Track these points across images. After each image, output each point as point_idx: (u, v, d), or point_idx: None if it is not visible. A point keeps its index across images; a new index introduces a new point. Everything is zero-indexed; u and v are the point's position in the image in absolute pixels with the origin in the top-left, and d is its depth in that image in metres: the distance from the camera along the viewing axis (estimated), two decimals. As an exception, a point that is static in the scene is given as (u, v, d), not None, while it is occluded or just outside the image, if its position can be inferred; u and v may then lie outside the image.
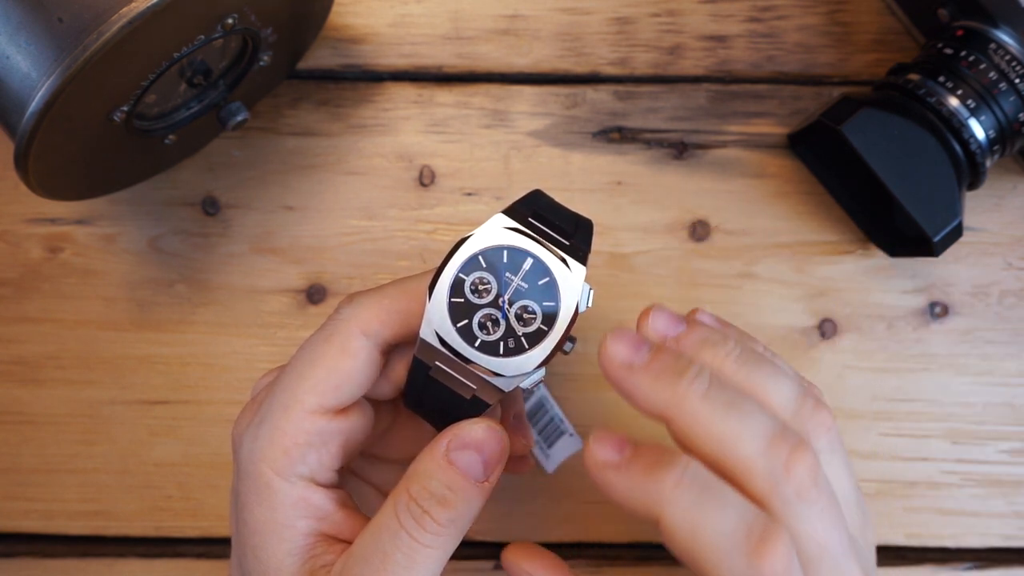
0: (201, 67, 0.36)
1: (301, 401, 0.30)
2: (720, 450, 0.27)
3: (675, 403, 0.27)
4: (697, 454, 0.27)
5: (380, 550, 0.28)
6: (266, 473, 0.30)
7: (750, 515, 0.26)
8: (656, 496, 0.26)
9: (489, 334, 0.29)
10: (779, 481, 0.27)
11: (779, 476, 0.27)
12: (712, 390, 0.28)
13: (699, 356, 0.29)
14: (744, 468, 0.27)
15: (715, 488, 0.27)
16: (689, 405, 0.27)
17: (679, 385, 0.28)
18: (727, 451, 0.27)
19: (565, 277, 0.29)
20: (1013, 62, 0.36)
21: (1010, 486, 0.42)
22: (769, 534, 0.26)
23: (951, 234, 0.37)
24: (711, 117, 0.42)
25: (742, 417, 0.27)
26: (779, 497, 0.27)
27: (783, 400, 0.29)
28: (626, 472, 0.27)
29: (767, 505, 0.27)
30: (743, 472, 0.27)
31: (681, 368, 0.28)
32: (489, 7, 0.42)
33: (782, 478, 0.27)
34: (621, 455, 0.28)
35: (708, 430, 0.27)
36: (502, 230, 0.29)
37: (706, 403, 0.27)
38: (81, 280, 0.42)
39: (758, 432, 0.27)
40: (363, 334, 0.30)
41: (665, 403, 0.28)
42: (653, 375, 0.28)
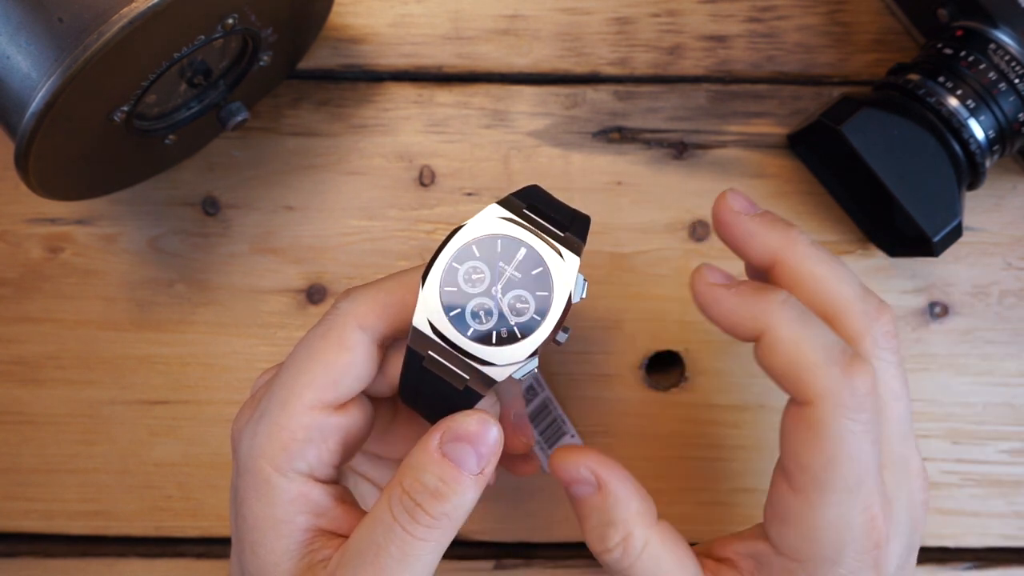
0: (201, 67, 0.36)
1: (299, 396, 0.30)
2: (824, 287, 0.31)
3: (788, 244, 0.31)
4: (801, 293, 0.31)
5: (374, 543, 0.28)
6: (265, 469, 0.30)
7: (842, 341, 0.30)
8: (764, 309, 0.30)
9: (482, 323, 0.29)
10: (872, 321, 0.31)
11: (872, 316, 0.31)
12: (816, 244, 0.32)
13: (785, 248, 0.32)
14: (844, 306, 0.31)
15: (812, 315, 0.30)
16: (801, 247, 0.31)
17: (791, 231, 0.31)
18: (830, 288, 0.31)
19: (559, 267, 0.29)
20: (1013, 62, 0.36)
21: (1010, 486, 0.42)
22: (860, 359, 0.29)
23: (951, 234, 0.37)
24: (711, 117, 0.42)
25: (840, 267, 0.31)
26: (870, 336, 0.30)
27: (856, 300, 0.32)
28: (735, 291, 0.30)
29: (858, 343, 0.30)
30: (843, 309, 0.31)
31: (788, 223, 0.32)
32: (489, 7, 0.42)
33: (874, 319, 0.31)
34: (729, 280, 0.31)
35: (815, 269, 0.31)
36: (496, 220, 0.29)
37: (813, 248, 0.31)
38: (81, 280, 0.42)
39: (854, 281, 0.31)
40: (360, 328, 0.30)
41: (779, 243, 0.31)
42: (768, 223, 0.32)
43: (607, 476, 0.31)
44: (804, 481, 0.29)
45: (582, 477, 0.32)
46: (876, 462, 0.29)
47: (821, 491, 0.29)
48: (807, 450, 0.29)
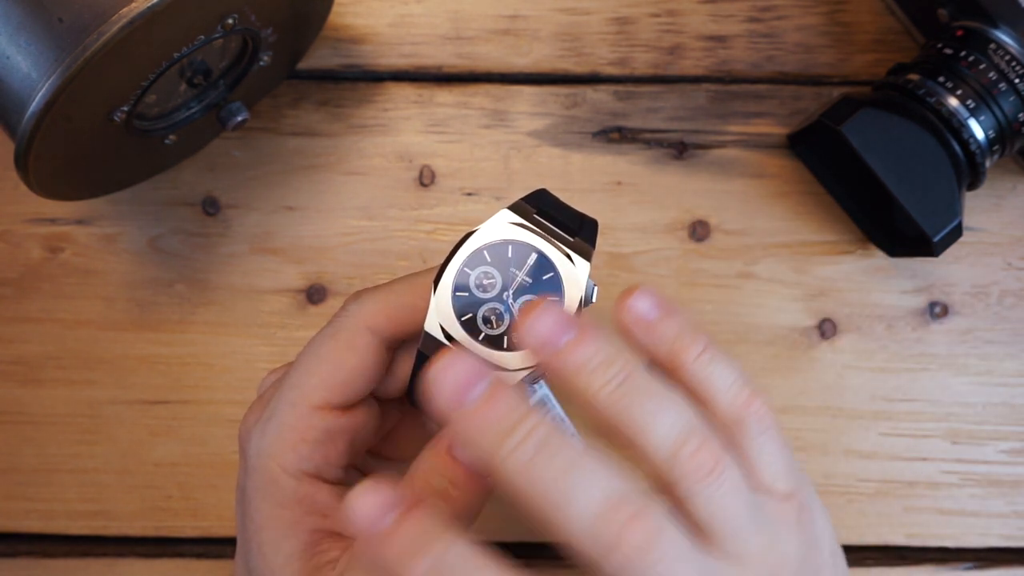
0: (201, 67, 0.36)
1: (308, 398, 0.30)
2: (545, 519, 0.25)
3: (494, 464, 0.25)
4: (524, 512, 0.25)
5: None
6: (273, 469, 0.30)
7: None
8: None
9: (493, 328, 0.29)
10: (609, 551, 0.24)
11: (610, 545, 0.24)
12: (539, 456, 0.25)
13: (572, 382, 0.26)
14: (571, 541, 0.25)
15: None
16: (508, 470, 0.25)
17: (502, 447, 0.25)
18: (553, 524, 0.25)
19: (569, 272, 0.29)
20: (1013, 62, 0.36)
21: (1010, 486, 0.42)
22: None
23: (951, 234, 0.37)
24: (711, 117, 0.42)
25: (564, 490, 0.25)
26: (610, 567, 0.24)
27: (660, 439, 0.26)
28: (387, 540, 0.24)
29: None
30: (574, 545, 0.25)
31: (512, 424, 0.25)
32: (489, 7, 0.42)
33: (612, 548, 0.24)
34: (387, 518, 0.25)
35: (530, 503, 0.25)
36: (507, 225, 0.30)
37: (528, 471, 0.25)
38: (81, 280, 0.42)
39: (586, 504, 0.24)
40: (369, 330, 0.30)
41: (486, 459, 0.25)
42: (479, 425, 0.25)
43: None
44: None
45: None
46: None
47: None
48: None
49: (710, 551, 0.26)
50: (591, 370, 0.25)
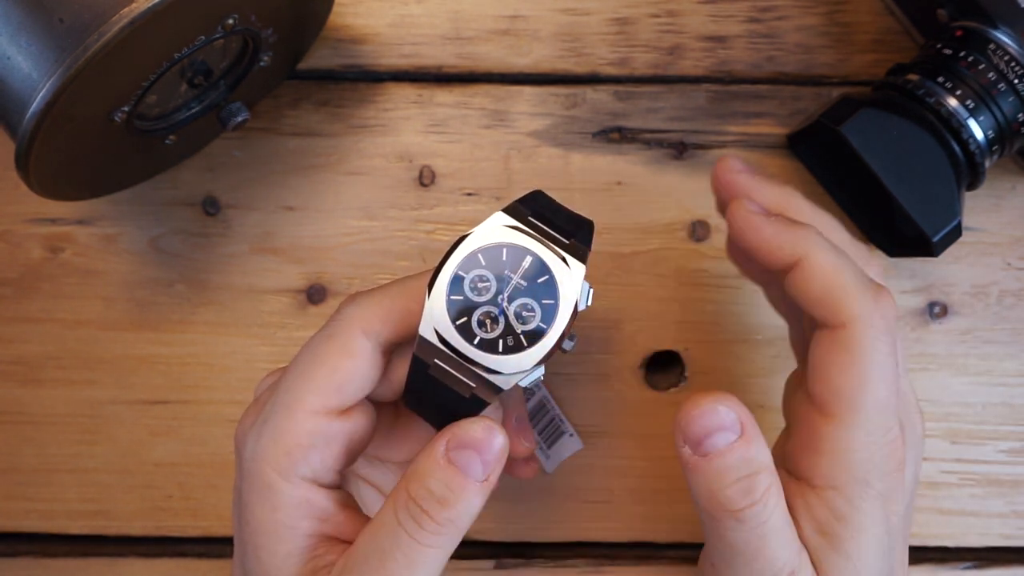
0: (201, 67, 0.36)
1: (303, 401, 0.30)
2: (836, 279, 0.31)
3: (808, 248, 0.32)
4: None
5: (379, 550, 0.28)
6: (268, 473, 0.30)
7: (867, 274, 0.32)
8: (804, 239, 0.31)
9: (488, 332, 0.29)
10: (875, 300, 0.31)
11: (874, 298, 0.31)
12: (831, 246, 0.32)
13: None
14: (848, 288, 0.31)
15: (841, 249, 0.32)
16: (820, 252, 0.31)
17: (809, 235, 0.32)
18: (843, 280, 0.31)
19: (564, 275, 0.29)
20: (1012, 62, 0.36)
21: (1009, 486, 0.42)
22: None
23: (950, 234, 0.37)
24: (711, 117, 0.42)
25: (852, 268, 0.31)
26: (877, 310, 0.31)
27: None
28: (774, 219, 0.32)
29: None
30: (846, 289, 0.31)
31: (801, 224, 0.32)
32: (489, 7, 0.42)
33: (876, 299, 0.31)
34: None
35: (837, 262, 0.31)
36: (502, 228, 0.29)
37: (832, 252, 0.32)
38: (81, 280, 0.42)
39: (861, 274, 0.32)
40: (364, 334, 0.30)
41: (798, 240, 0.32)
42: (782, 224, 0.32)
43: (747, 419, 0.30)
44: (837, 404, 0.30)
45: (726, 423, 0.29)
46: (897, 386, 0.31)
47: (855, 412, 0.30)
48: (840, 373, 0.30)
49: None
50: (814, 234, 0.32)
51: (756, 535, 0.29)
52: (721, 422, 0.29)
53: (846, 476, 0.30)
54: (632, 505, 0.42)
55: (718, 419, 0.29)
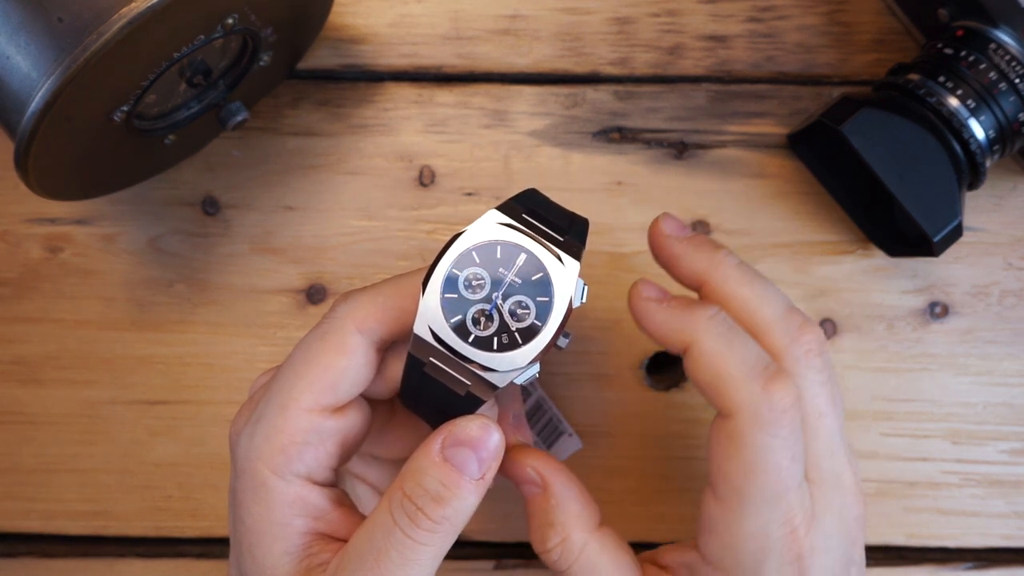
0: (201, 67, 0.36)
1: (297, 399, 0.30)
2: (745, 308, 0.32)
3: (712, 267, 0.33)
4: (728, 312, 0.32)
5: (374, 548, 0.28)
6: (262, 472, 0.30)
7: (766, 357, 0.31)
8: (691, 326, 0.31)
9: (483, 329, 0.29)
10: (793, 340, 0.32)
11: (793, 336, 0.32)
12: (742, 264, 0.33)
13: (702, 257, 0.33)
14: (765, 325, 0.32)
15: (739, 330, 0.31)
16: (723, 269, 0.33)
17: (717, 254, 0.33)
18: (752, 309, 0.32)
19: (559, 272, 0.29)
20: (1013, 62, 0.36)
21: (1010, 486, 0.42)
22: (783, 374, 0.30)
23: (951, 234, 0.37)
24: (711, 117, 0.42)
25: (765, 286, 0.33)
26: (791, 355, 0.31)
27: (779, 302, 0.33)
28: (666, 305, 0.32)
29: (781, 360, 0.31)
30: (764, 328, 0.32)
31: (718, 246, 0.33)
32: (489, 7, 0.42)
33: (795, 338, 0.32)
34: (662, 294, 0.33)
35: (737, 291, 0.32)
36: (496, 226, 0.29)
37: (737, 270, 0.33)
38: (81, 280, 0.42)
39: (778, 301, 0.32)
40: (359, 332, 0.30)
41: (704, 266, 0.33)
42: (695, 245, 0.33)
43: (551, 478, 0.33)
44: (726, 491, 0.30)
45: (528, 477, 0.33)
46: (797, 477, 0.30)
47: (741, 501, 0.30)
48: (727, 461, 0.30)
49: None
50: (716, 248, 0.34)
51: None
52: (527, 476, 0.33)
53: (735, 562, 0.30)
54: (632, 505, 0.42)
55: (524, 473, 0.33)
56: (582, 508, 0.33)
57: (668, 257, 0.34)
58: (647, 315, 0.32)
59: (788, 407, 0.30)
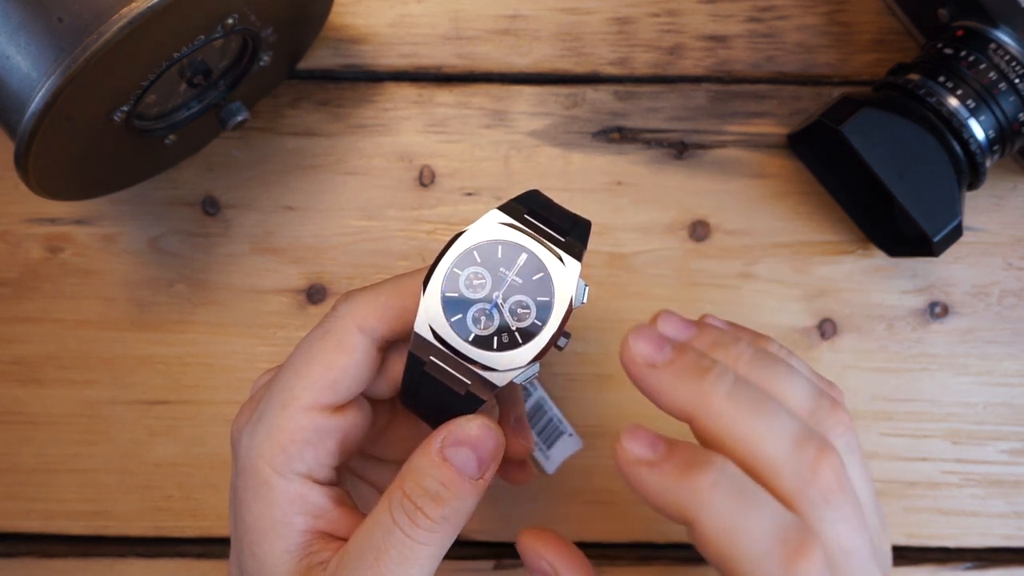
0: (201, 67, 0.36)
1: (298, 398, 0.30)
2: (746, 450, 0.27)
3: (699, 401, 0.27)
4: (722, 453, 0.27)
5: (374, 547, 0.28)
6: (263, 470, 0.30)
7: (785, 520, 0.26)
8: (692, 498, 0.26)
9: (483, 328, 0.29)
10: (806, 483, 0.27)
11: (806, 478, 0.27)
12: (736, 389, 0.27)
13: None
14: (771, 469, 0.27)
15: (750, 491, 0.26)
16: (714, 404, 0.27)
17: (703, 383, 0.27)
18: (754, 451, 0.27)
19: (560, 272, 0.29)
20: (1013, 62, 0.36)
21: (1010, 486, 0.42)
22: (805, 541, 0.26)
23: (951, 234, 0.37)
24: (711, 117, 0.42)
25: (767, 417, 0.27)
26: (806, 499, 0.27)
27: (799, 401, 0.29)
28: (660, 470, 0.27)
29: (795, 506, 0.27)
30: (770, 472, 0.27)
31: (705, 366, 0.28)
32: (489, 7, 0.42)
33: (809, 480, 0.27)
34: (654, 452, 0.27)
35: (733, 430, 0.27)
36: (497, 225, 0.29)
37: (730, 402, 0.27)
38: (81, 280, 0.42)
39: (784, 432, 0.27)
40: (360, 331, 0.30)
41: (690, 402, 0.27)
42: (676, 373, 0.28)
43: (563, 565, 0.31)
44: None
45: (543, 569, 0.31)
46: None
47: None
48: None
49: None
50: (725, 345, 0.29)
51: None
52: (540, 567, 0.31)
53: None
54: (632, 505, 0.42)
55: (538, 564, 0.31)
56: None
57: (647, 391, 0.28)
58: (639, 483, 0.27)
59: (821, 567, 0.26)
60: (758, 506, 0.26)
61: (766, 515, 0.26)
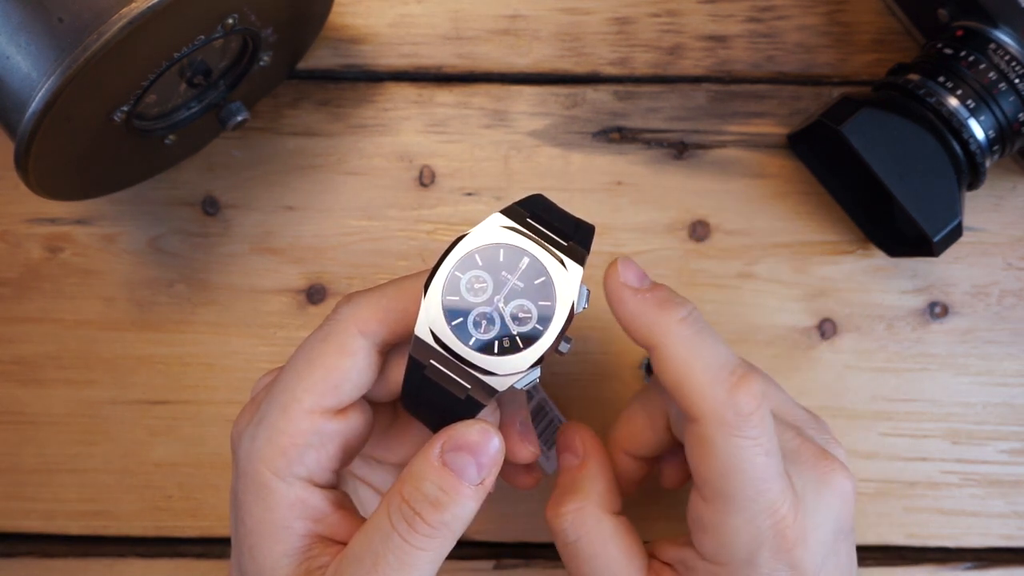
0: (201, 67, 0.36)
1: (299, 401, 0.30)
2: (685, 368, 0.31)
3: (663, 328, 0.31)
4: (665, 376, 0.31)
5: (372, 551, 0.28)
6: (264, 473, 0.30)
7: (734, 359, 0.31)
8: (661, 326, 0.31)
9: (484, 333, 0.29)
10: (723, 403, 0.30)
11: (724, 399, 0.30)
12: (695, 319, 0.31)
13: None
14: (698, 389, 0.30)
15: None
16: (673, 330, 0.31)
17: (672, 312, 0.31)
18: (689, 370, 0.31)
19: (561, 277, 0.29)
20: (1013, 62, 0.36)
21: (1010, 486, 0.42)
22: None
23: (951, 234, 0.37)
24: (711, 117, 0.42)
25: (715, 344, 0.31)
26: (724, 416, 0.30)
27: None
28: (641, 297, 0.31)
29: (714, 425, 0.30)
30: (695, 392, 0.31)
31: (677, 301, 0.31)
32: (489, 7, 0.42)
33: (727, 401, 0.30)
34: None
35: (683, 352, 0.31)
36: (499, 229, 0.29)
37: (686, 327, 0.31)
38: (81, 280, 0.42)
39: (719, 359, 0.31)
40: (361, 334, 0.30)
41: (654, 326, 0.31)
42: (652, 300, 0.31)
43: (592, 455, 0.34)
44: (709, 493, 0.31)
45: (573, 446, 0.34)
46: (773, 469, 0.30)
47: (725, 502, 0.30)
48: (703, 465, 0.30)
49: None
50: (674, 304, 0.31)
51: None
52: (572, 444, 0.34)
53: (729, 557, 0.31)
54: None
55: (571, 442, 0.34)
56: (608, 488, 0.33)
57: (623, 313, 0.32)
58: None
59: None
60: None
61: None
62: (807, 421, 0.34)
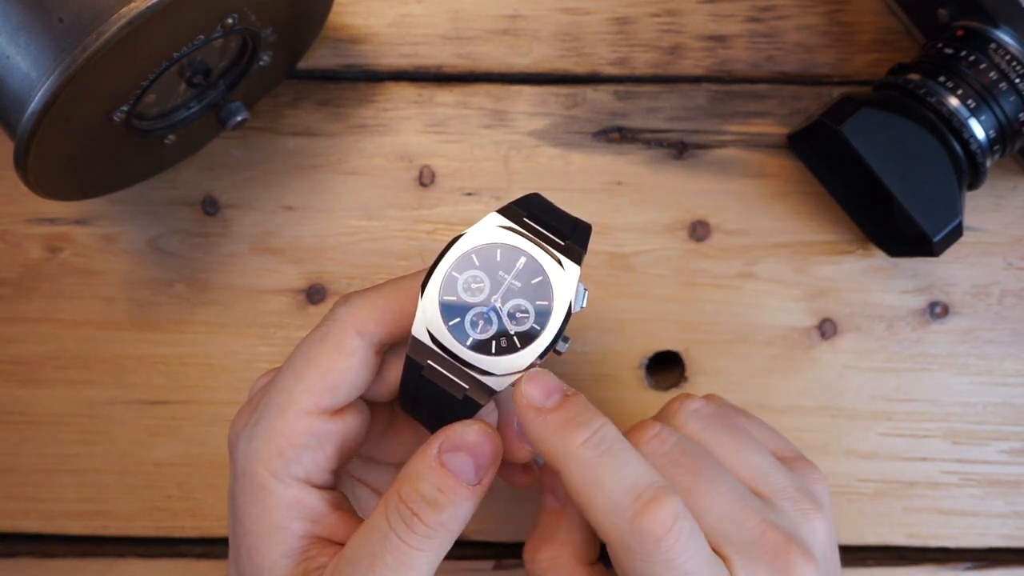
0: (201, 67, 0.36)
1: (297, 402, 0.30)
2: (585, 495, 0.29)
3: (562, 452, 0.29)
4: (573, 499, 0.29)
5: (369, 552, 0.28)
6: (261, 474, 0.30)
7: (644, 479, 0.28)
8: (561, 451, 0.29)
9: (481, 332, 0.29)
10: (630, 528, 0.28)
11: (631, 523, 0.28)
12: (600, 441, 0.29)
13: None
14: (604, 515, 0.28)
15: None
16: (573, 453, 0.29)
17: (571, 435, 0.29)
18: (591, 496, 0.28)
19: (559, 276, 0.29)
20: (1013, 62, 0.36)
21: (1010, 486, 0.42)
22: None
23: (951, 234, 0.37)
24: (711, 117, 0.42)
25: (616, 464, 0.29)
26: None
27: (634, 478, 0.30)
28: (543, 419, 0.29)
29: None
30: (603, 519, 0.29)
31: (582, 420, 0.29)
32: (489, 7, 0.42)
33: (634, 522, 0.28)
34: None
35: (582, 479, 0.29)
36: (496, 228, 0.29)
37: (587, 449, 0.29)
38: (81, 280, 0.42)
39: (626, 480, 0.28)
40: (358, 334, 0.30)
41: (553, 450, 0.29)
42: (554, 422, 0.29)
43: (572, 505, 0.32)
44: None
45: (555, 489, 0.33)
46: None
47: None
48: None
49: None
50: (577, 425, 0.29)
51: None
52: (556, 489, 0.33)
53: None
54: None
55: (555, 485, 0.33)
56: (585, 538, 0.32)
57: (526, 434, 0.30)
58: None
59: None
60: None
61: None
62: (785, 486, 0.32)
